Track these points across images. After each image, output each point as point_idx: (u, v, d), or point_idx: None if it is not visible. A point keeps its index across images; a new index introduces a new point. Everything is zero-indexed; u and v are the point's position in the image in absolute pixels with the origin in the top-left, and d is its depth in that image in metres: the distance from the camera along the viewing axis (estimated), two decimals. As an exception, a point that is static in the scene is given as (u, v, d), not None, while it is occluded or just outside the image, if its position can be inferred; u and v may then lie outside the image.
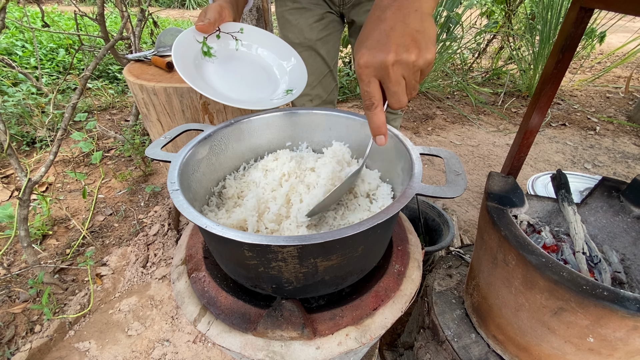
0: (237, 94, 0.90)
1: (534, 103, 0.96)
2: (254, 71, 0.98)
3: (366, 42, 0.51)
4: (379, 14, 0.51)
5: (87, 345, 1.32)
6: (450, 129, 2.99)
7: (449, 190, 0.60)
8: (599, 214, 0.87)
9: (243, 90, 0.92)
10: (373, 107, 0.54)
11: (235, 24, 0.96)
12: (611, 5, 0.79)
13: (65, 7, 6.18)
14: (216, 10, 0.90)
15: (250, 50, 1.00)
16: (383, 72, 0.51)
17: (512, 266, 0.69)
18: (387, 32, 0.50)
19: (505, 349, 0.81)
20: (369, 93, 0.53)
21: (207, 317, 0.64)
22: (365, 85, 0.53)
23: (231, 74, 0.94)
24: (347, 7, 1.24)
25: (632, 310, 0.54)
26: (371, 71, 0.51)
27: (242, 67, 0.97)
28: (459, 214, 1.99)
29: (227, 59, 0.96)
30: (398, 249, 0.79)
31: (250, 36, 0.99)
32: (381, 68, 0.51)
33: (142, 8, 2.01)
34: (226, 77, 0.92)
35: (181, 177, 0.64)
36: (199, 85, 0.81)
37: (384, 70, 0.51)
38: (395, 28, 0.50)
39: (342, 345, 0.60)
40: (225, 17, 0.92)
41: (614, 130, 2.92)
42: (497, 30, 3.71)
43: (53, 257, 1.63)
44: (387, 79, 0.52)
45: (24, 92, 2.61)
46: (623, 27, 3.61)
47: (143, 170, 2.21)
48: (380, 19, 0.51)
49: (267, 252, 0.53)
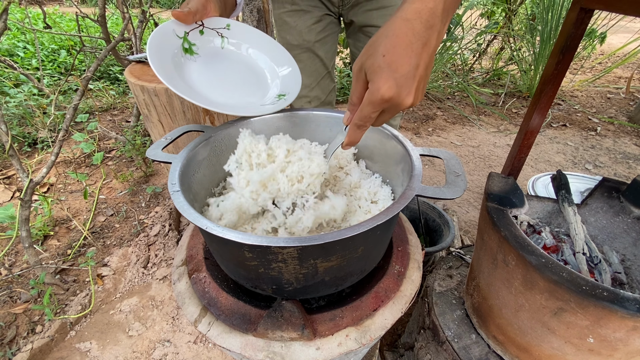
0: (222, 97, 0.81)
1: (535, 103, 0.96)
2: (241, 72, 0.89)
3: (396, 74, 0.48)
4: (411, 39, 0.48)
5: (88, 345, 1.32)
6: (450, 129, 2.99)
7: (448, 191, 0.60)
8: (599, 214, 0.87)
9: (229, 93, 0.84)
10: (363, 129, 0.58)
11: (221, 19, 0.86)
12: (611, 6, 0.79)
13: (66, 9, 6.20)
14: (199, 2, 0.79)
15: (238, 50, 0.90)
16: (394, 109, 0.53)
17: (512, 267, 0.69)
18: (414, 71, 0.49)
19: (505, 349, 0.82)
20: (370, 119, 0.55)
21: (207, 317, 0.65)
22: (372, 112, 0.53)
23: (215, 75, 0.84)
24: (346, 8, 1.25)
25: (632, 311, 0.54)
26: (387, 105, 0.51)
27: (228, 68, 0.88)
28: (459, 215, 1.99)
29: (211, 58, 0.86)
30: (398, 249, 0.79)
31: (239, 34, 0.90)
32: (396, 106, 0.52)
33: (144, 9, 2.02)
34: (210, 78, 0.83)
35: (182, 178, 0.64)
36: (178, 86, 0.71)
37: (396, 108, 0.52)
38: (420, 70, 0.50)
39: (342, 346, 0.60)
40: (209, 10, 0.82)
41: (615, 130, 2.92)
42: (497, 31, 3.72)
43: (54, 258, 1.64)
44: (389, 113, 0.54)
45: (26, 93, 2.62)
46: (624, 28, 3.61)
47: (144, 171, 2.22)
48: (411, 49, 0.48)
49: (267, 253, 0.53)
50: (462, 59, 4.07)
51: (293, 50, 1.29)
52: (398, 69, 0.48)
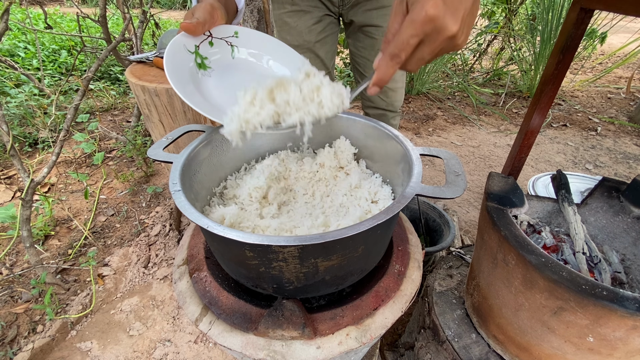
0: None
1: (535, 103, 0.96)
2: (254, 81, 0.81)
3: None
4: None
5: (88, 345, 1.32)
6: (451, 129, 2.99)
7: (448, 191, 0.60)
8: (599, 214, 0.87)
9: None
10: (398, 60, 0.49)
11: (228, 27, 0.82)
12: (611, 6, 0.79)
13: (67, 9, 6.21)
14: (206, 10, 0.72)
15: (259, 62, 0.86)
16: (436, 36, 0.45)
17: (512, 266, 0.70)
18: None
19: (505, 348, 0.82)
20: (409, 45, 0.46)
21: (208, 316, 0.65)
22: (413, 35, 0.45)
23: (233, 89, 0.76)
24: (345, 8, 1.25)
25: (632, 310, 0.54)
26: (430, 27, 0.44)
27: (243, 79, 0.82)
28: (460, 215, 1.99)
29: (225, 70, 0.82)
30: (398, 249, 0.79)
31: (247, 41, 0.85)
32: (439, 32, 0.45)
33: (144, 10, 2.02)
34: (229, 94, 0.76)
35: (183, 177, 0.64)
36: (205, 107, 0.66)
37: (438, 34, 0.45)
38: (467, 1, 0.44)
39: (343, 345, 0.60)
40: (217, 18, 0.76)
41: (615, 130, 2.92)
42: (498, 31, 3.72)
43: (55, 258, 1.64)
44: (430, 45, 0.46)
45: (27, 93, 2.62)
46: (624, 28, 3.60)
47: (144, 171, 2.22)
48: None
49: (268, 252, 0.53)
50: (462, 59, 4.07)
51: None
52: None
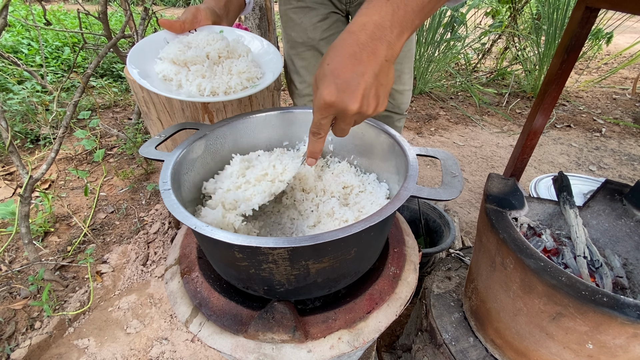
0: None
1: (538, 104, 0.94)
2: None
3: (337, 80, 0.50)
4: (355, 49, 0.50)
5: (86, 342, 1.32)
6: (453, 129, 2.97)
7: (444, 193, 0.59)
8: (601, 217, 0.85)
9: None
10: (319, 137, 0.60)
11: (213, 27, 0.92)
12: (617, 5, 0.77)
13: (70, 6, 6.22)
14: (191, 12, 0.87)
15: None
16: (342, 115, 0.54)
17: (510, 270, 0.68)
18: (358, 78, 0.50)
19: (503, 353, 0.80)
20: (321, 125, 0.57)
21: (199, 318, 0.64)
22: (321, 118, 0.55)
23: None
24: (353, 6, 1.23)
25: (633, 317, 0.52)
26: (332, 111, 0.53)
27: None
28: (460, 216, 1.97)
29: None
30: (394, 251, 0.77)
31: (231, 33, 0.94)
32: (342, 112, 0.53)
33: (146, 7, 2.01)
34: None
35: (174, 176, 0.63)
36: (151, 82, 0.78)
37: (343, 114, 0.53)
38: (366, 77, 0.51)
39: (334, 349, 0.59)
40: (200, 19, 0.88)
41: (620, 132, 2.88)
42: (502, 30, 3.67)
43: (54, 254, 1.64)
44: (343, 121, 0.56)
45: (29, 89, 2.63)
46: (631, 28, 3.56)
47: (145, 168, 2.22)
48: (355, 57, 0.50)
49: (258, 254, 0.52)
50: (465, 59, 4.03)
51: (297, 47, 1.27)
52: (340, 75, 0.50)
